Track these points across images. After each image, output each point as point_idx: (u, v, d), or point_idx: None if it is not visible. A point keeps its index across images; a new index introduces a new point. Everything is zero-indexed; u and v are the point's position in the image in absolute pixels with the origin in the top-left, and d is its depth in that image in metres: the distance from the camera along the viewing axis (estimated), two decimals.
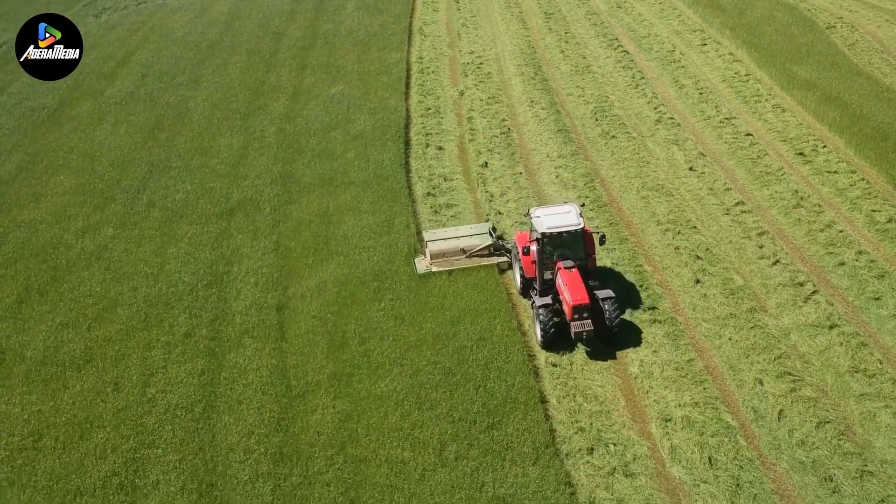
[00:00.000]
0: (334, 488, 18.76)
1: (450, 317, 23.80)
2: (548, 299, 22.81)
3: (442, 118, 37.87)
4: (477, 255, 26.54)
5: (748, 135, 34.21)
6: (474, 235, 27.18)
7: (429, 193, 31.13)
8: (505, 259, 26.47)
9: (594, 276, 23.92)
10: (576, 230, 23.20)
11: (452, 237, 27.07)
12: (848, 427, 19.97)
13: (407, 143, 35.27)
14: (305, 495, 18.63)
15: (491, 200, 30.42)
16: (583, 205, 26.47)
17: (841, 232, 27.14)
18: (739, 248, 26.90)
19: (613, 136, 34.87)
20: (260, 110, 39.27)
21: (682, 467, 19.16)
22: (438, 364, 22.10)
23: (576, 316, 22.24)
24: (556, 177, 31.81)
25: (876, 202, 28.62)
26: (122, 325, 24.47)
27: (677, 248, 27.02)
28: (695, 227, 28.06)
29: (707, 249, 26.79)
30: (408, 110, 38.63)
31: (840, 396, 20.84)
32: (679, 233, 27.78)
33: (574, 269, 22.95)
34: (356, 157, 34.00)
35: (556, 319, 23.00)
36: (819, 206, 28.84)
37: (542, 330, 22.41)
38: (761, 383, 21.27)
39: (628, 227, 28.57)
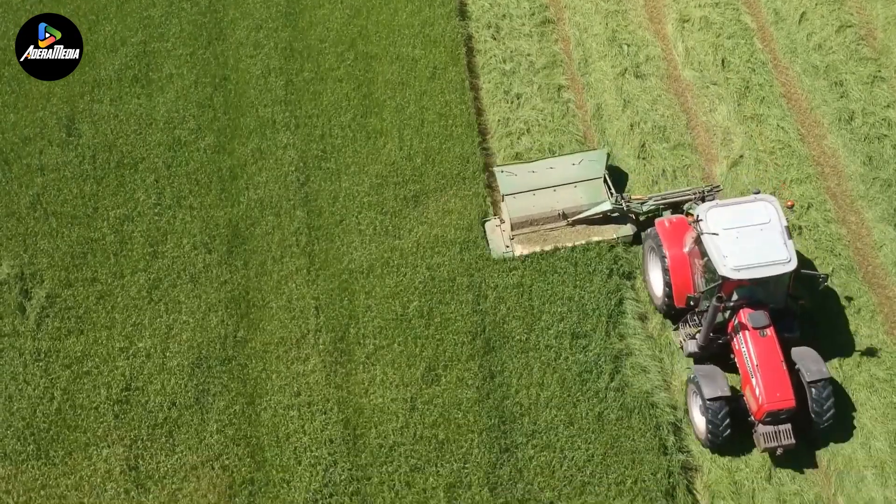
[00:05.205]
0: (346, 84, 18.98)
1: None
2: (721, 384, 14.15)
3: None
4: (584, 223, 16.78)
5: None
6: (580, 183, 16.80)
7: None
8: (627, 230, 16.71)
9: (790, 315, 14.92)
10: (784, 274, 13.99)
11: (543, 187, 16.78)
12: (869, 32, 19.52)
13: None
14: (318, 90, 18.92)
15: None
16: (791, 205, 15.28)
17: None
18: None
19: None
20: None
21: (694, 69, 19.14)
22: None
23: (769, 419, 14.18)
24: None
25: None
26: None
27: None
28: None
29: None
30: None
31: None
32: None
33: (770, 333, 14.17)
34: None
35: (728, 392, 14.20)
36: None
37: (711, 432, 14.22)
38: None
39: None
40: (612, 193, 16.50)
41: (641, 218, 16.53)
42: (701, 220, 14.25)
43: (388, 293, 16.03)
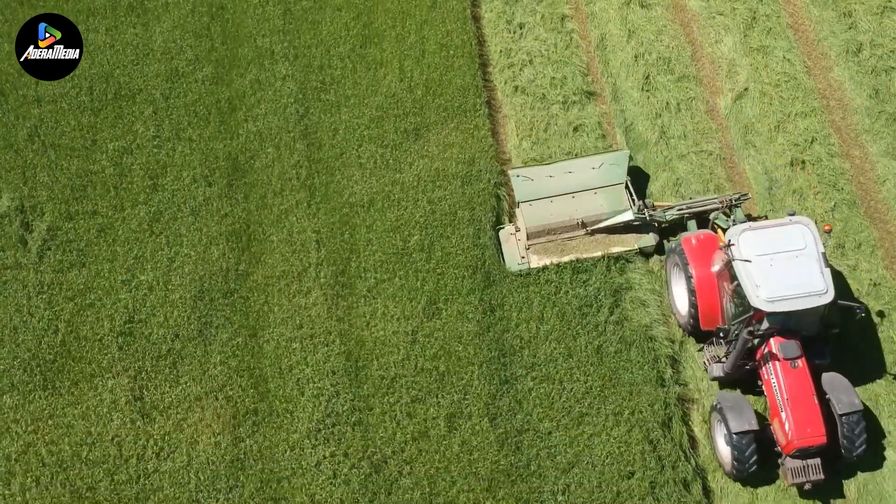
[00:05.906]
0: (345, 13, 18.63)
1: None
2: (749, 417, 13.46)
3: None
4: (604, 231, 15.91)
5: None
6: (600, 189, 15.99)
7: None
8: (649, 240, 15.84)
9: (821, 341, 14.23)
10: (821, 306, 13.29)
11: (561, 193, 15.90)
12: None
13: None
14: (317, 19, 18.59)
15: None
16: (828, 230, 14.24)
17: None
18: None
19: None
20: None
21: None
22: None
23: (797, 453, 13.58)
24: None
25: None
26: None
27: None
28: None
29: None
30: None
31: None
32: None
33: (801, 364, 13.51)
34: None
35: (756, 425, 13.53)
36: None
37: (736, 465, 13.63)
38: None
39: None
40: (633, 201, 15.62)
41: (664, 226, 15.82)
42: (733, 244, 13.38)
43: (388, 227, 16.04)
